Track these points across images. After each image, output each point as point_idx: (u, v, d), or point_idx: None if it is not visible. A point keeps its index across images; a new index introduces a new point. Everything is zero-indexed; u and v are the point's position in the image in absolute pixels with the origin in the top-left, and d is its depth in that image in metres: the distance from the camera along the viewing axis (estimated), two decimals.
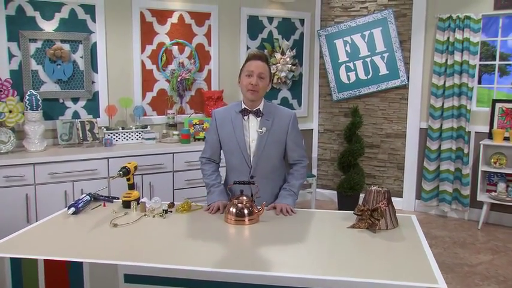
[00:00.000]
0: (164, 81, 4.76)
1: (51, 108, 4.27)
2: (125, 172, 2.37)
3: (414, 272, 1.70)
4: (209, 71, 5.00)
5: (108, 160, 3.98)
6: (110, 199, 2.51)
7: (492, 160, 4.66)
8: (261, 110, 2.54)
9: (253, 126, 2.54)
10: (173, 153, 4.26)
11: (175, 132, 4.56)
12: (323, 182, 5.77)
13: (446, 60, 4.89)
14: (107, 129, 4.35)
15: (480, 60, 4.89)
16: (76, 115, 4.38)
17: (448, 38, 4.84)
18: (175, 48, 4.78)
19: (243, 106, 2.55)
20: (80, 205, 2.32)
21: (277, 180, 2.63)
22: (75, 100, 4.38)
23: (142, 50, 4.63)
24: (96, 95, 4.45)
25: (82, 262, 1.74)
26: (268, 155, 2.53)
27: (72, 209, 2.28)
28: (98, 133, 4.30)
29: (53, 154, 3.87)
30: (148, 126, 4.55)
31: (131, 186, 2.45)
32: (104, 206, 2.45)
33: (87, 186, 3.86)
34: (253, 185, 2.38)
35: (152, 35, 4.66)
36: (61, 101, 4.33)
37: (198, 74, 4.93)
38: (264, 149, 2.51)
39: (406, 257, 1.85)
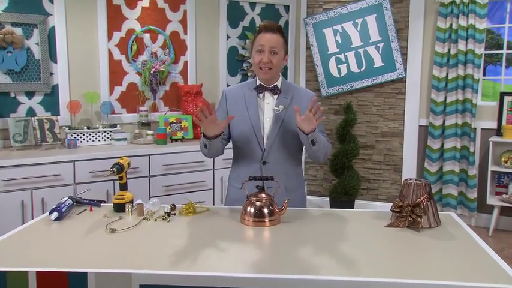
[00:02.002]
0: (135, 74, 4.57)
1: (0, 104, 3.99)
2: (119, 169, 2.19)
3: (484, 273, 1.61)
4: (185, 62, 4.85)
5: (74, 163, 3.76)
6: (96, 203, 2.31)
7: (502, 159, 4.71)
8: (279, 86, 2.45)
9: (268, 105, 2.45)
10: (149, 155, 4.07)
11: (150, 132, 4.37)
12: (312, 187, 5.69)
13: (449, 49, 4.93)
14: (69, 129, 4.12)
15: (485, 50, 4.94)
16: (31, 112, 4.12)
17: (451, 24, 4.88)
18: (147, 36, 4.61)
19: (258, 82, 2.46)
20: (63, 209, 2.11)
21: (292, 170, 2.50)
22: (29, 94, 4.12)
23: (109, 37, 4.43)
24: (55, 89, 4.21)
25: (86, 272, 1.55)
26: (283, 138, 2.42)
27: (55, 214, 2.07)
28: (59, 133, 4.06)
29: (4, 157, 3.62)
30: (118, 125, 4.34)
31: (124, 187, 2.26)
32: (91, 210, 2.25)
33: (50, 194, 3.63)
34: (272, 181, 2.24)
35: (120, 21, 4.47)
36: (12, 95, 4.06)
37: (173, 66, 4.77)
38: (280, 130, 2.41)
39: (468, 256, 1.76)
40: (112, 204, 2.26)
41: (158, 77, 4.59)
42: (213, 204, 4.37)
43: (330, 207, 5.29)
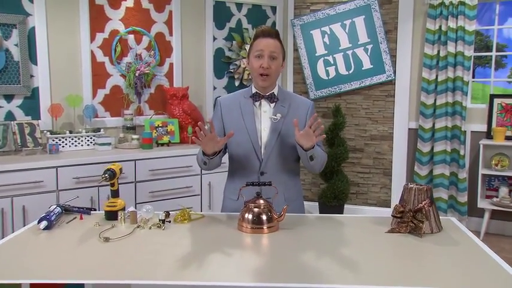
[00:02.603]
0: (119, 77, 4.52)
1: None
2: (111, 176, 2.15)
3: (492, 279, 1.61)
4: (171, 64, 4.81)
5: (56, 169, 3.68)
6: (85, 210, 2.26)
7: (493, 162, 4.76)
8: (276, 94, 2.43)
9: (265, 113, 2.42)
10: (135, 160, 4.02)
11: (135, 137, 4.32)
12: None
13: (438, 51, 4.98)
14: (51, 133, 4.04)
15: (474, 52, 5.00)
16: (10, 116, 4.03)
17: (440, 26, 4.93)
18: (131, 38, 4.56)
19: (254, 90, 2.43)
20: (52, 218, 2.06)
21: (290, 180, 2.49)
22: (8, 98, 4.03)
23: (92, 38, 4.37)
24: (35, 92, 4.13)
25: (83, 284, 1.51)
26: (281, 147, 2.40)
27: (44, 223, 2.02)
28: (40, 138, 3.99)
29: None
30: (102, 130, 4.28)
31: (115, 193, 2.22)
32: (81, 218, 2.20)
33: (32, 201, 3.56)
34: (270, 186, 2.22)
35: (104, 21, 4.41)
36: None
37: (158, 68, 4.72)
38: (278, 139, 2.39)
39: (474, 262, 1.76)
40: (103, 211, 2.21)
41: (143, 80, 4.54)
42: (201, 210, 4.33)
43: (320, 213, 5.29)
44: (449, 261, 1.78)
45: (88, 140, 4.21)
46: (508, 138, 4.73)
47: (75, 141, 4.16)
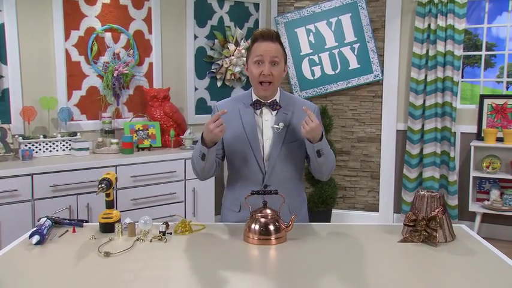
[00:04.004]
0: (96, 77, 4.41)
1: None
2: (108, 185, 2.08)
3: None
4: (150, 64, 4.74)
5: (32, 177, 3.57)
6: (77, 222, 2.18)
7: (484, 164, 4.84)
8: (278, 101, 2.38)
9: (267, 122, 2.37)
10: (116, 166, 3.93)
11: (114, 141, 4.22)
12: None
13: (427, 50, 5.04)
14: (23, 138, 3.91)
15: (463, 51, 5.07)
16: None
17: (429, 25, 4.99)
18: (108, 36, 4.46)
19: (255, 97, 2.37)
20: (44, 231, 1.98)
21: (295, 190, 2.46)
22: None
23: (67, 36, 4.26)
24: (5, 94, 4.00)
25: None
26: (286, 158, 2.36)
27: (37, 238, 1.94)
28: (12, 143, 3.86)
29: None
30: (78, 134, 4.17)
31: (110, 204, 2.16)
32: (74, 231, 2.12)
33: (5, 212, 3.46)
34: (275, 195, 2.19)
35: (79, 18, 4.30)
36: None
37: (137, 68, 4.64)
38: (282, 149, 2.34)
39: (496, 273, 1.77)
40: (98, 223, 2.15)
41: (122, 80, 4.44)
42: (185, 217, 4.27)
43: (308, 220, 5.27)
44: (469, 272, 1.78)
45: (64, 145, 4.10)
46: (498, 139, 4.80)
47: (50, 146, 4.05)
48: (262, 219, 2.06)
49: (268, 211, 2.09)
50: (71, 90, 4.30)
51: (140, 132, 4.38)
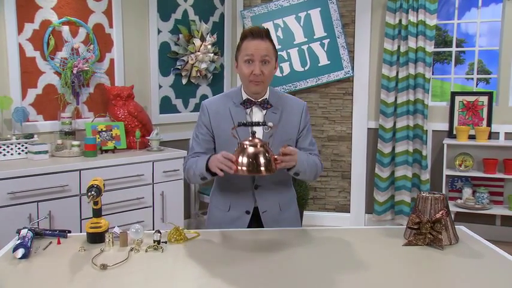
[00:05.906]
0: (53, 74, 4.25)
1: None
2: (97, 192, 2.01)
3: None
4: (111, 60, 4.61)
5: None
6: (61, 233, 2.09)
7: (456, 162, 4.97)
8: (268, 99, 2.42)
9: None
10: (79, 170, 3.81)
11: (75, 143, 4.09)
12: None
13: (399, 46, 5.13)
14: None
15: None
16: None
17: (400, 20, 5.08)
18: (65, 29, 4.31)
19: (245, 96, 2.39)
20: (29, 244, 1.88)
21: (284, 188, 2.55)
22: None
23: (20, 29, 4.07)
24: None
25: None
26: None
27: (22, 251, 1.84)
28: None
29: None
30: (35, 136, 4.01)
31: (98, 213, 2.08)
32: (59, 243, 2.03)
33: None
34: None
35: (33, 10, 4.13)
36: None
37: (98, 65, 4.50)
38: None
39: (509, 277, 1.81)
40: (86, 233, 2.07)
41: (81, 78, 4.30)
42: (153, 224, 4.21)
43: None
44: (480, 274, 1.82)
45: (19, 148, 3.93)
46: (471, 137, 4.94)
47: (4, 149, 3.87)
48: (251, 149, 2.03)
49: (257, 140, 2.06)
50: (25, 88, 4.12)
51: (103, 133, 4.25)
